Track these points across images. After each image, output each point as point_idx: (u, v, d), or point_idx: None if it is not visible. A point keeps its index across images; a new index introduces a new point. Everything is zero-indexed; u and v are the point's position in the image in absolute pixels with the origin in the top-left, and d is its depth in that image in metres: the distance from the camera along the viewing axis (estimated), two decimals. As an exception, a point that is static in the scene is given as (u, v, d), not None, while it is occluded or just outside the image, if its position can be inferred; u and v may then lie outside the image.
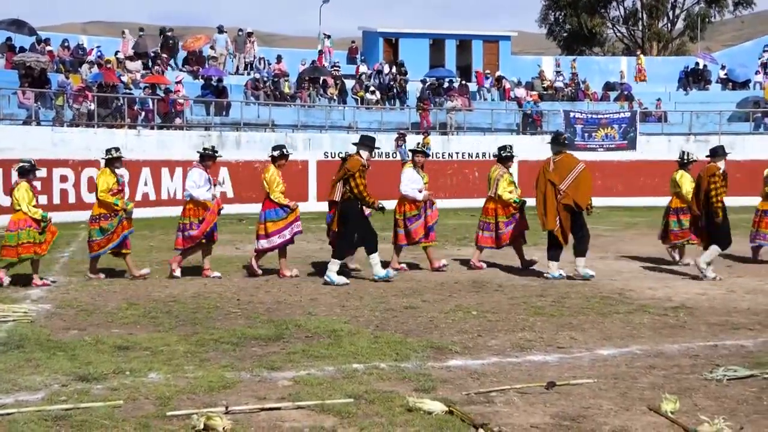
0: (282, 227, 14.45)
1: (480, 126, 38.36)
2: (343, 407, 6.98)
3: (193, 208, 14.41)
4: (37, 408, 6.90)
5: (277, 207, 14.46)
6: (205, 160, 14.78)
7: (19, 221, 13.49)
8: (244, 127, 34.09)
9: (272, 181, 14.44)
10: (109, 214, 14.05)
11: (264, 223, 14.48)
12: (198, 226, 14.33)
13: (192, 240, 14.35)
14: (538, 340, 9.66)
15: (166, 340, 9.53)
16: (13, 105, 30.07)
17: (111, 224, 14.04)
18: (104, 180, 14.11)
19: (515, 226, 15.31)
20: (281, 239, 14.47)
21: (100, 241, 14.06)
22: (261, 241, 14.52)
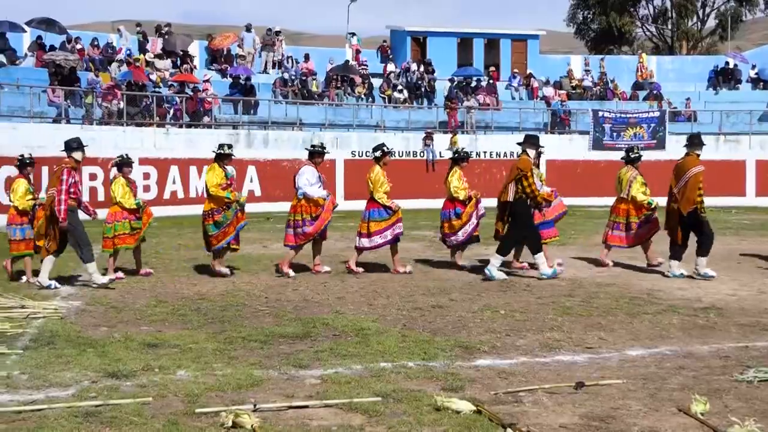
0: (384, 228, 14.63)
1: (508, 125, 38.25)
2: (370, 406, 6.98)
3: (305, 205, 14.48)
4: (67, 404, 6.95)
5: (380, 207, 14.64)
6: (314, 157, 14.90)
7: (116, 213, 14.01)
8: (272, 126, 34.17)
9: (377, 181, 14.61)
10: (221, 207, 14.13)
11: (367, 222, 14.66)
12: (312, 223, 14.42)
13: (305, 237, 14.47)
14: (567, 340, 9.62)
15: (195, 337, 9.57)
16: (43, 103, 30.27)
17: (225, 216, 14.12)
18: (213, 175, 14.19)
19: (649, 227, 15.50)
20: (383, 239, 14.65)
21: (217, 235, 14.14)
22: (362, 240, 14.72)
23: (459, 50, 44.99)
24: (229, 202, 14.13)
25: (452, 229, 14.98)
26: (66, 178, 12.86)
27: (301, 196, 14.48)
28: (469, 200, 14.97)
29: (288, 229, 14.65)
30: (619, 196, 15.64)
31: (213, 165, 14.37)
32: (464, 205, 14.92)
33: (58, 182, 12.86)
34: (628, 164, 15.73)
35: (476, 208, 14.99)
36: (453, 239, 15.06)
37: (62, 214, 12.78)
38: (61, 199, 12.78)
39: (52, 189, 12.95)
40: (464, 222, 14.90)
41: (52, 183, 13.03)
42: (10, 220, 13.89)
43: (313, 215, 14.44)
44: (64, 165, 13.07)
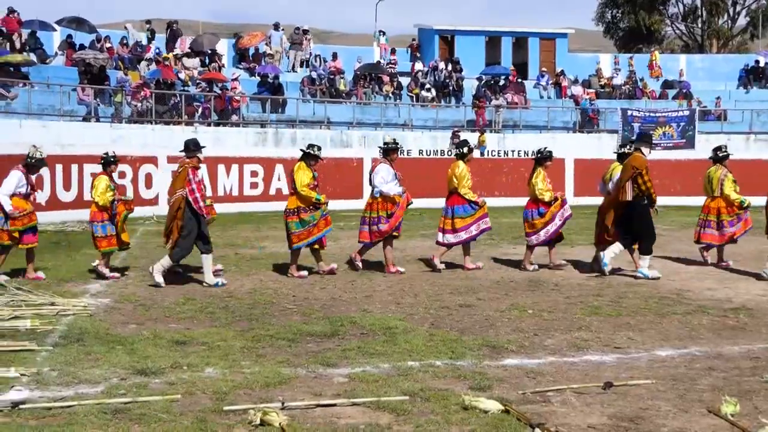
0: (470, 223, 14.70)
1: (536, 124, 38.13)
2: (398, 405, 6.98)
3: (381, 202, 14.51)
4: (97, 401, 6.99)
5: (465, 203, 14.67)
6: (389, 153, 14.90)
7: None
8: (300, 124, 34.22)
9: (462, 177, 14.65)
10: (308, 207, 14.14)
11: (452, 218, 14.70)
12: (387, 220, 14.46)
13: (380, 234, 14.51)
14: (595, 340, 9.58)
15: (223, 335, 9.60)
16: (72, 101, 30.47)
17: (312, 216, 14.12)
18: (303, 175, 14.15)
19: (742, 224, 15.59)
20: (468, 235, 14.72)
21: (300, 233, 14.13)
22: (447, 236, 14.79)
23: (487, 49, 44.91)
24: (318, 203, 14.13)
25: (533, 228, 14.85)
26: (192, 177, 13.04)
27: (377, 194, 14.52)
28: (554, 201, 14.86)
29: (363, 226, 14.73)
30: (711, 195, 15.74)
31: (301, 164, 14.27)
32: (548, 206, 14.80)
33: (186, 182, 13.02)
34: (717, 163, 15.80)
35: (561, 209, 14.87)
36: (534, 238, 14.90)
37: (203, 210, 13.07)
38: (197, 197, 12.98)
39: (181, 190, 13.03)
40: (547, 221, 14.77)
41: (178, 184, 13.12)
42: (92, 216, 14.02)
43: (388, 212, 14.51)
44: (186, 165, 13.21)
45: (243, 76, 36.42)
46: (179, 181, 13.17)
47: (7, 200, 13.57)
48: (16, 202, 13.65)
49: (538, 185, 14.84)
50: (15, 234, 13.59)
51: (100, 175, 14.14)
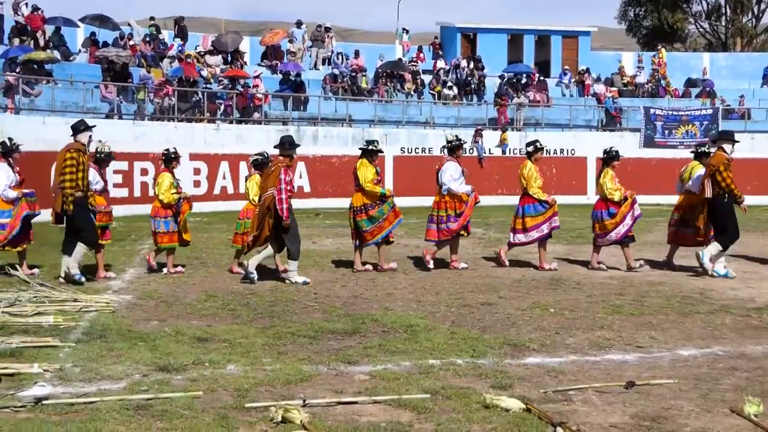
0: (540, 222, 14.68)
1: (558, 122, 38.03)
2: (419, 402, 6.97)
3: (449, 201, 14.57)
4: (119, 397, 7.02)
5: (535, 202, 14.67)
6: (454, 151, 14.94)
7: (248, 211, 14.14)
8: (322, 122, 34.25)
9: (530, 177, 14.63)
10: (374, 203, 14.21)
11: (522, 217, 14.72)
12: (456, 219, 14.52)
13: (449, 233, 14.58)
14: (617, 339, 9.54)
15: (245, 332, 9.62)
16: (96, 99, 30.62)
17: (381, 211, 14.23)
18: (366, 171, 14.23)
19: None
20: (539, 234, 14.70)
21: (373, 230, 14.24)
22: (518, 236, 14.82)
23: (509, 47, 44.80)
24: (384, 197, 14.21)
25: (604, 229, 14.73)
26: (284, 177, 13.10)
27: (445, 191, 14.56)
28: (624, 200, 14.76)
29: (431, 225, 14.81)
30: None
31: (363, 161, 14.34)
32: (618, 206, 14.71)
33: (276, 181, 13.08)
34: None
35: (631, 208, 14.77)
36: (606, 239, 14.80)
37: (285, 212, 13.06)
38: (282, 198, 13.04)
39: (271, 188, 13.09)
40: (618, 222, 14.66)
41: (270, 182, 13.18)
42: (154, 212, 14.10)
43: (457, 211, 14.57)
44: (279, 164, 13.29)
45: (265, 73, 36.47)
46: (271, 179, 13.20)
47: None
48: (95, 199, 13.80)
49: (607, 185, 14.70)
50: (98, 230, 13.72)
51: (163, 172, 14.20)
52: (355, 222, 14.36)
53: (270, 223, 13.11)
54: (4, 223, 13.66)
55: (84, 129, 13.27)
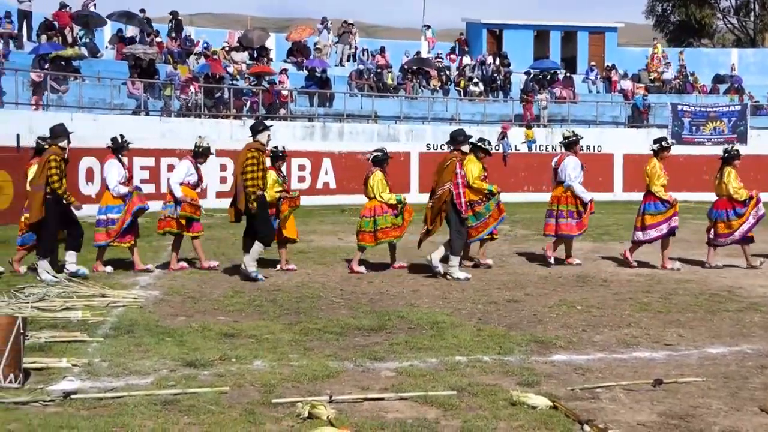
0: (660, 221, 14.53)
1: (584, 118, 37.88)
2: (446, 399, 6.96)
3: (570, 197, 14.66)
4: (147, 392, 7.05)
5: (657, 200, 14.56)
6: (571, 146, 14.98)
7: (374, 208, 14.08)
8: (347, 118, 34.27)
9: (653, 174, 14.54)
10: (480, 199, 14.23)
11: (642, 215, 14.63)
12: (573, 214, 14.66)
13: (569, 230, 14.71)
14: (645, 337, 9.49)
15: (271, 328, 9.63)
16: (122, 95, 30.78)
17: (487, 207, 14.25)
18: (473, 168, 14.24)
19: None
20: (658, 233, 14.57)
21: (478, 226, 14.24)
22: (637, 233, 14.71)
23: (535, 43, 44.70)
24: (491, 193, 14.24)
25: (730, 229, 14.61)
26: (460, 171, 13.17)
27: (566, 187, 14.62)
28: (749, 199, 14.66)
29: (549, 219, 14.89)
30: None
31: (471, 157, 14.33)
32: (744, 205, 14.59)
33: (453, 175, 13.14)
34: None
35: (756, 207, 14.68)
36: (728, 239, 14.71)
37: (464, 206, 13.20)
38: (460, 192, 13.15)
39: (447, 183, 13.16)
40: (742, 221, 14.60)
41: (446, 176, 13.22)
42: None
43: (578, 209, 14.68)
44: (454, 158, 13.34)
45: (291, 70, 36.54)
46: (446, 173, 13.25)
47: (177, 187, 13.94)
48: (185, 191, 14.02)
49: (732, 184, 14.57)
50: (182, 221, 13.91)
51: (269, 170, 14.16)
52: None
53: (443, 216, 13.25)
54: (114, 218, 13.82)
55: (263, 129, 13.35)
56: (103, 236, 13.82)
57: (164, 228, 14.17)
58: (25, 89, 28.24)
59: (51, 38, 31.07)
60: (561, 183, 14.84)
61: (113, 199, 13.96)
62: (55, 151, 13.00)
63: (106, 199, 14.05)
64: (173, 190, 13.95)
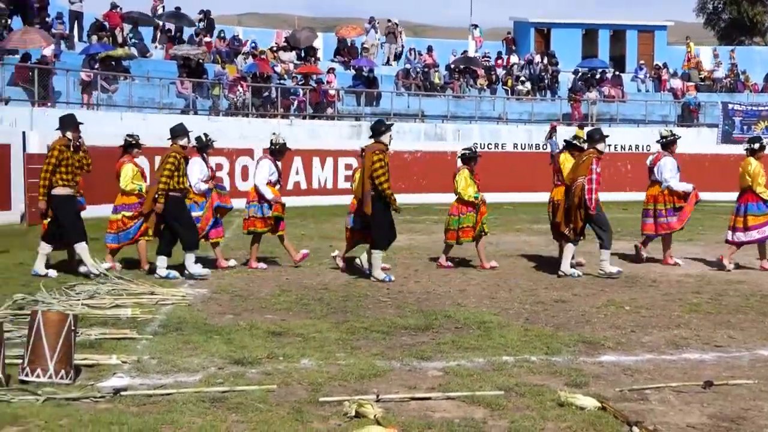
0: (763, 222, 14.37)
1: (633, 118, 37.59)
2: (493, 399, 6.94)
3: (668, 195, 14.66)
4: (195, 389, 7.10)
5: (759, 201, 14.41)
6: (669, 146, 14.92)
7: (460, 206, 14.23)
8: (394, 118, 34.25)
9: (756, 174, 14.39)
10: None
11: (744, 216, 14.45)
12: (674, 213, 14.64)
13: (669, 228, 14.70)
14: (694, 338, 9.39)
15: (318, 327, 9.66)
16: (171, 95, 31.04)
17: None
18: (567, 165, 14.29)
19: None
20: (760, 235, 14.42)
21: None
22: (738, 234, 14.54)
23: (584, 42, 44.42)
24: None
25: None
26: (595, 167, 13.27)
27: (664, 188, 14.60)
28: None
29: (647, 218, 14.91)
30: None
31: (567, 155, 14.44)
32: None
33: (588, 171, 13.24)
34: None
35: None
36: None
37: (593, 203, 13.28)
38: (592, 188, 13.24)
39: (581, 177, 13.27)
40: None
41: (580, 172, 13.32)
42: (350, 209, 14.21)
43: (675, 206, 14.63)
44: (591, 154, 13.43)
45: (338, 69, 36.63)
46: (581, 169, 13.34)
47: (266, 188, 14.02)
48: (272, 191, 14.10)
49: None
50: (270, 221, 14.01)
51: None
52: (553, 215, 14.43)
53: (581, 213, 13.31)
54: (198, 216, 13.99)
55: (385, 130, 13.39)
56: None
57: (249, 227, 14.22)
58: (76, 89, 28.58)
59: (101, 39, 31.42)
60: (656, 182, 14.78)
61: (197, 197, 14.12)
62: (176, 149, 13.16)
63: None
64: (263, 192, 13.97)
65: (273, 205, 14.03)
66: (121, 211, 13.81)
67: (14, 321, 9.34)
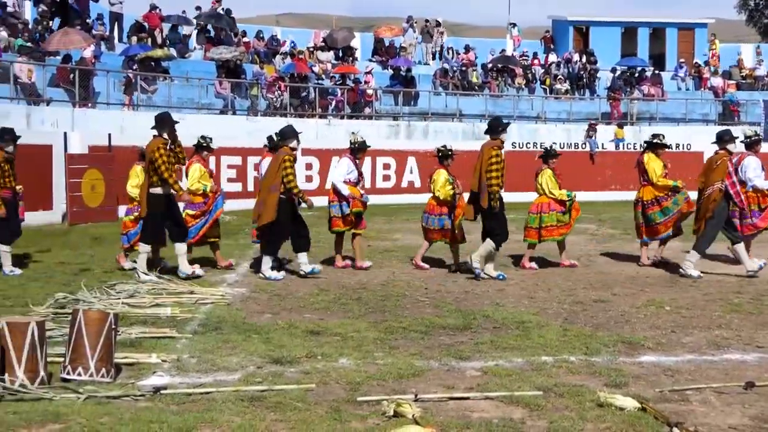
0: None
1: (673, 116, 37.28)
2: (532, 399, 6.91)
3: (752, 195, 14.60)
4: (234, 388, 7.13)
5: None
6: (753, 146, 14.89)
7: (542, 204, 14.29)
8: (432, 117, 34.25)
9: None
10: (666, 195, 14.32)
11: None
12: (759, 214, 14.60)
13: (755, 228, 14.66)
14: (736, 339, 9.29)
15: (356, 326, 9.67)
16: (210, 95, 31.21)
17: (675, 201, 14.32)
18: (654, 165, 14.34)
19: None
20: None
21: (666, 221, 14.34)
22: None
23: (623, 40, 44.10)
24: (677, 188, 14.29)
25: None
26: (732, 170, 13.37)
27: (750, 188, 14.52)
28: None
29: (737, 220, 14.73)
30: None
31: (650, 155, 14.45)
32: None
33: (724, 174, 13.18)
34: None
35: None
36: None
37: (744, 203, 13.57)
38: (737, 190, 13.31)
39: (717, 182, 13.23)
40: None
41: (716, 176, 13.27)
42: (429, 209, 14.23)
43: (761, 206, 14.58)
44: (723, 157, 13.44)
45: (376, 69, 36.65)
46: (717, 172, 13.31)
47: (343, 185, 14.05)
48: (350, 189, 14.13)
49: None
50: (351, 218, 14.07)
51: (439, 168, 14.28)
52: (647, 215, 14.36)
53: (708, 216, 13.28)
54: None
55: (503, 129, 13.45)
56: None
57: (333, 227, 14.30)
58: (116, 90, 28.82)
59: (141, 40, 31.66)
60: (741, 183, 14.65)
61: None
62: (287, 151, 13.22)
63: None
64: (339, 189, 14.01)
65: (351, 202, 14.02)
66: (186, 209, 13.92)
67: (56, 320, 9.44)
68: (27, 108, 24.79)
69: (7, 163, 13.41)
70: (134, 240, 13.70)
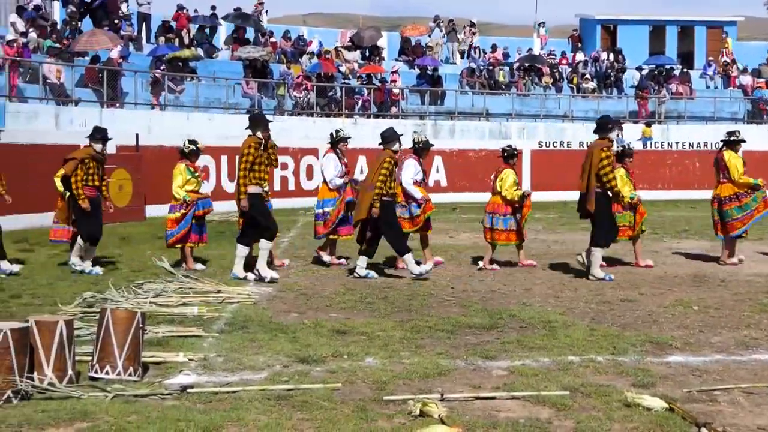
0: None
1: (701, 115, 37.05)
2: (558, 399, 6.88)
3: None
4: (261, 387, 7.14)
5: None
6: None
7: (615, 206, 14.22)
8: (459, 116, 34.22)
9: None
10: (746, 192, 14.32)
11: None
12: None
13: None
14: (765, 339, 9.21)
15: (382, 325, 9.67)
16: (237, 95, 31.35)
17: (755, 198, 14.31)
18: (737, 163, 14.36)
19: None
20: None
21: (744, 218, 14.36)
22: None
23: (651, 38, 43.90)
24: (757, 186, 14.30)
25: None
26: None
27: None
28: None
29: None
30: None
31: (731, 153, 14.46)
32: None
33: None
34: None
35: None
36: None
37: None
38: None
39: None
40: None
41: None
42: (493, 209, 14.24)
43: None
44: None
45: (402, 68, 36.65)
46: None
47: (414, 187, 13.98)
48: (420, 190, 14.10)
49: None
50: (420, 220, 14.02)
51: (506, 168, 14.25)
52: (723, 211, 14.34)
53: None
54: (328, 211, 14.21)
55: (612, 127, 13.45)
56: (322, 229, 14.28)
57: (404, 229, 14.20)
58: (144, 90, 28.99)
59: (169, 40, 31.82)
60: None
61: (329, 192, 14.32)
62: (390, 154, 13.30)
63: (323, 193, 14.42)
64: (411, 192, 13.90)
65: (422, 204, 13.95)
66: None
67: (84, 319, 9.50)
68: (56, 108, 25.01)
69: (94, 161, 13.55)
70: (171, 239, 13.82)
